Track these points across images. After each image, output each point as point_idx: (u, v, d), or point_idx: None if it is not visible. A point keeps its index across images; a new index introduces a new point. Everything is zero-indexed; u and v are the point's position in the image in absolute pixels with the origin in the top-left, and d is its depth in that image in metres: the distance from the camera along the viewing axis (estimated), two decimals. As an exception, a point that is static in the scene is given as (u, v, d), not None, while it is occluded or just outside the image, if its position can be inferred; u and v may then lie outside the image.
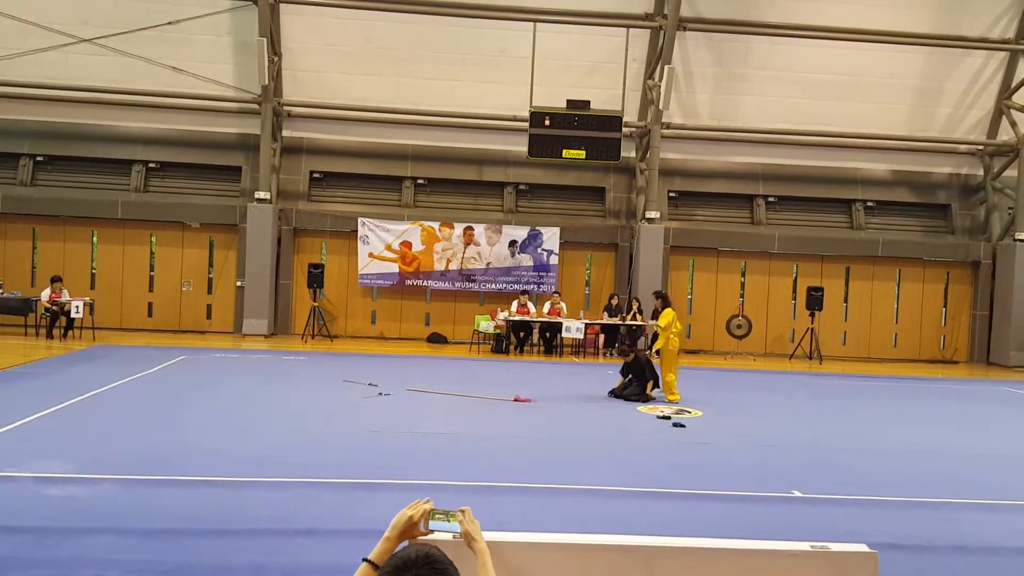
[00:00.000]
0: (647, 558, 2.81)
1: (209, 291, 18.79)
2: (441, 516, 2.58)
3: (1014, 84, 18.87)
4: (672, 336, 11.61)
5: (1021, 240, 18.72)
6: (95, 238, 18.56)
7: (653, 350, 11.98)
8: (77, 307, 15.88)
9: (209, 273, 18.83)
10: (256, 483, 6.60)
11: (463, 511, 2.61)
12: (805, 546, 2.88)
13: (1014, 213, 19.02)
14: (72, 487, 6.24)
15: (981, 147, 19.63)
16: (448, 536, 2.57)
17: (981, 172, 19.91)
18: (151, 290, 18.69)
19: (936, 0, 18.15)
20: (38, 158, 18.37)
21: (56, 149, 18.35)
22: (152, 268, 18.75)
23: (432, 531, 2.57)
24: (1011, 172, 19.15)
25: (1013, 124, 18.82)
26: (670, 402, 11.32)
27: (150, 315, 18.58)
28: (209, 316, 18.75)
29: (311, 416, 9.48)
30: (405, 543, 2.50)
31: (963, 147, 19.78)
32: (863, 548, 2.89)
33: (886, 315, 19.85)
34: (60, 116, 18.12)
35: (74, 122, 18.20)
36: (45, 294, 16.09)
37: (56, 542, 5.13)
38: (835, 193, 19.75)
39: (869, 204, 19.82)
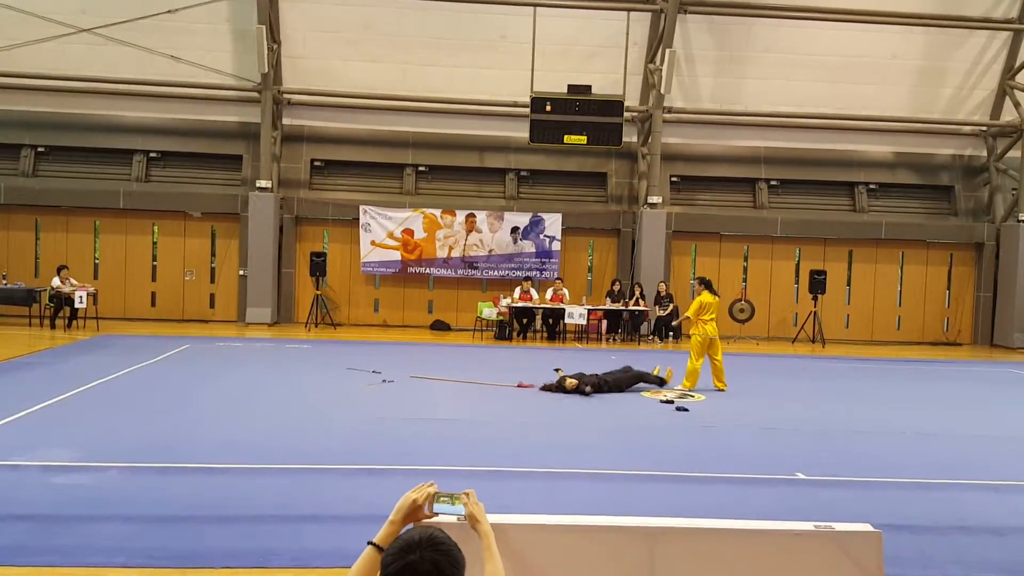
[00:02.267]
0: (650, 539, 2.81)
1: (212, 280, 18.81)
2: (445, 499, 2.59)
3: (1017, 64, 18.74)
4: (703, 324, 11.42)
5: (1025, 221, 18.69)
6: (97, 228, 18.58)
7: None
8: (81, 297, 15.90)
9: (212, 262, 18.84)
10: (261, 470, 6.62)
11: (467, 494, 2.62)
12: (809, 526, 2.88)
13: (1018, 194, 18.95)
14: (77, 475, 6.27)
15: (984, 128, 19.53)
16: (452, 519, 2.58)
17: (984, 153, 19.82)
18: (154, 280, 18.71)
19: (939, -20, 18.04)
20: (39, 149, 18.36)
21: (57, 140, 18.34)
22: (155, 258, 18.77)
23: (436, 514, 2.58)
24: (1015, 153, 19.06)
25: (1017, 104, 18.71)
26: (674, 388, 11.28)
27: (153, 305, 18.61)
28: (212, 305, 18.77)
29: (315, 404, 9.51)
30: (410, 526, 2.51)
31: (966, 128, 19.68)
32: (867, 528, 2.89)
33: (889, 298, 19.83)
34: (60, 107, 18.10)
35: (75, 112, 18.17)
36: (56, 282, 16.09)
37: (62, 530, 5.16)
38: (837, 176, 19.69)
39: (872, 186, 19.76)
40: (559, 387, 10.69)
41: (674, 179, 19.40)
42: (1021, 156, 18.71)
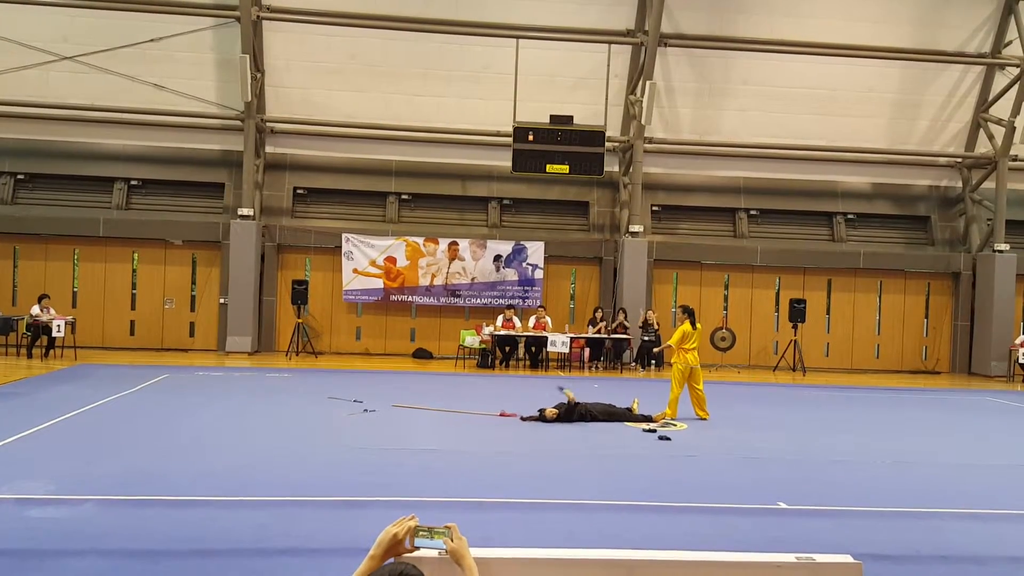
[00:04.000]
0: (632, 571, 2.81)
1: (192, 308, 18.68)
2: (426, 533, 2.58)
3: (991, 97, 19.16)
4: (684, 352, 11.40)
5: (1000, 251, 18.96)
6: (77, 256, 18.42)
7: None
8: (59, 326, 15.73)
9: (192, 290, 18.72)
10: (240, 502, 6.54)
11: (449, 527, 2.61)
12: (790, 558, 2.89)
13: (993, 224, 19.26)
14: (53, 508, 6.17)
15: (959, 159, 19.89)
16: (434, 553, 2.57)
17: (960, 184, 20.16)
18: (133, 308, 18.55)
19: (914, 15, 18.44)
20: (19, 176, 18.25)
21: (37, 167, 18.25)
22: (134, 286, 18.62)
23: (418, 548, 2.57)
24: (989, 184, 19.41)
25: (990, 137, 19.09)
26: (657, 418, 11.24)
27: (132, 333, 18.44)
28: (192, 334, 18.62)
29: (296, 434, 9.42)
30: (391, 561, 2.49)
31: (942, 160, 20.03)
32: (848, 559, 2.90)
33: (868, 326, 20.01)
34: (41, 134, 18.02)
35: (55, 140, 18.10)
36: (35, 310, 15.92)
37: (37, 564, 5.06)
38: (816, 206, 19.94)
39: (850, 216, 20.02)
40: (540, 417, 10.67)
41: (655, 208, 19.57)
42: (995, 187, 19.05)
